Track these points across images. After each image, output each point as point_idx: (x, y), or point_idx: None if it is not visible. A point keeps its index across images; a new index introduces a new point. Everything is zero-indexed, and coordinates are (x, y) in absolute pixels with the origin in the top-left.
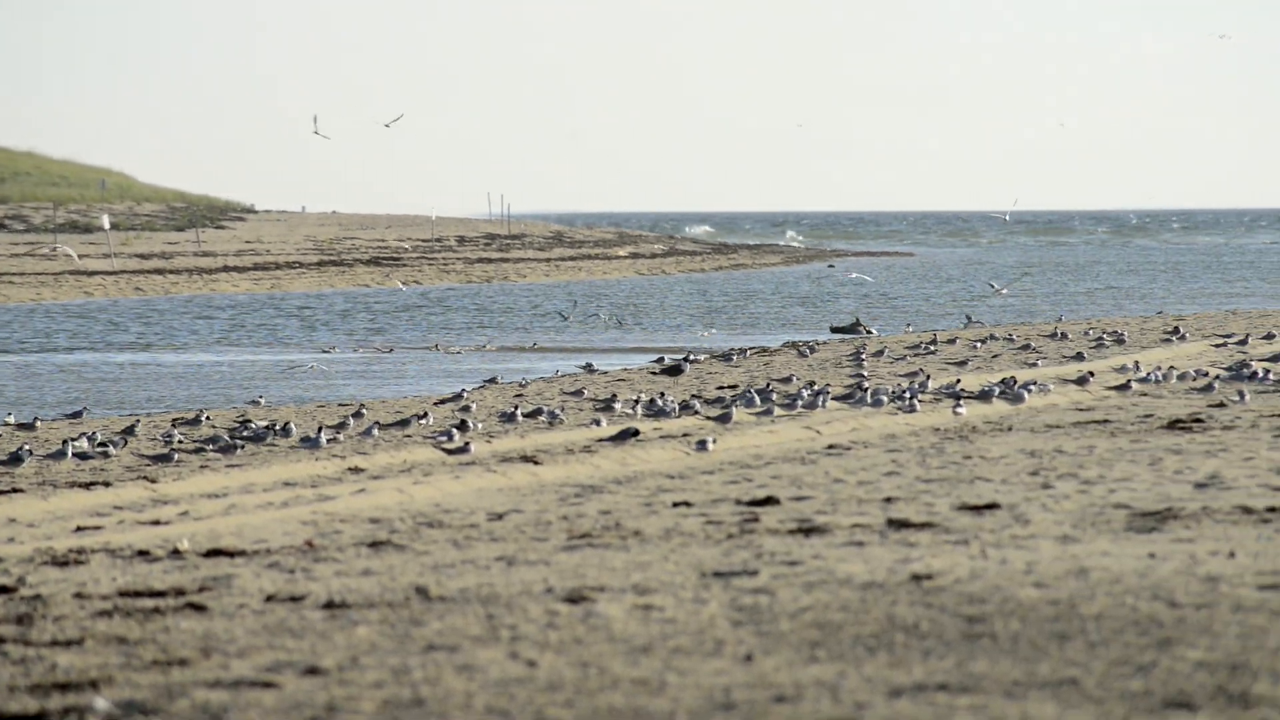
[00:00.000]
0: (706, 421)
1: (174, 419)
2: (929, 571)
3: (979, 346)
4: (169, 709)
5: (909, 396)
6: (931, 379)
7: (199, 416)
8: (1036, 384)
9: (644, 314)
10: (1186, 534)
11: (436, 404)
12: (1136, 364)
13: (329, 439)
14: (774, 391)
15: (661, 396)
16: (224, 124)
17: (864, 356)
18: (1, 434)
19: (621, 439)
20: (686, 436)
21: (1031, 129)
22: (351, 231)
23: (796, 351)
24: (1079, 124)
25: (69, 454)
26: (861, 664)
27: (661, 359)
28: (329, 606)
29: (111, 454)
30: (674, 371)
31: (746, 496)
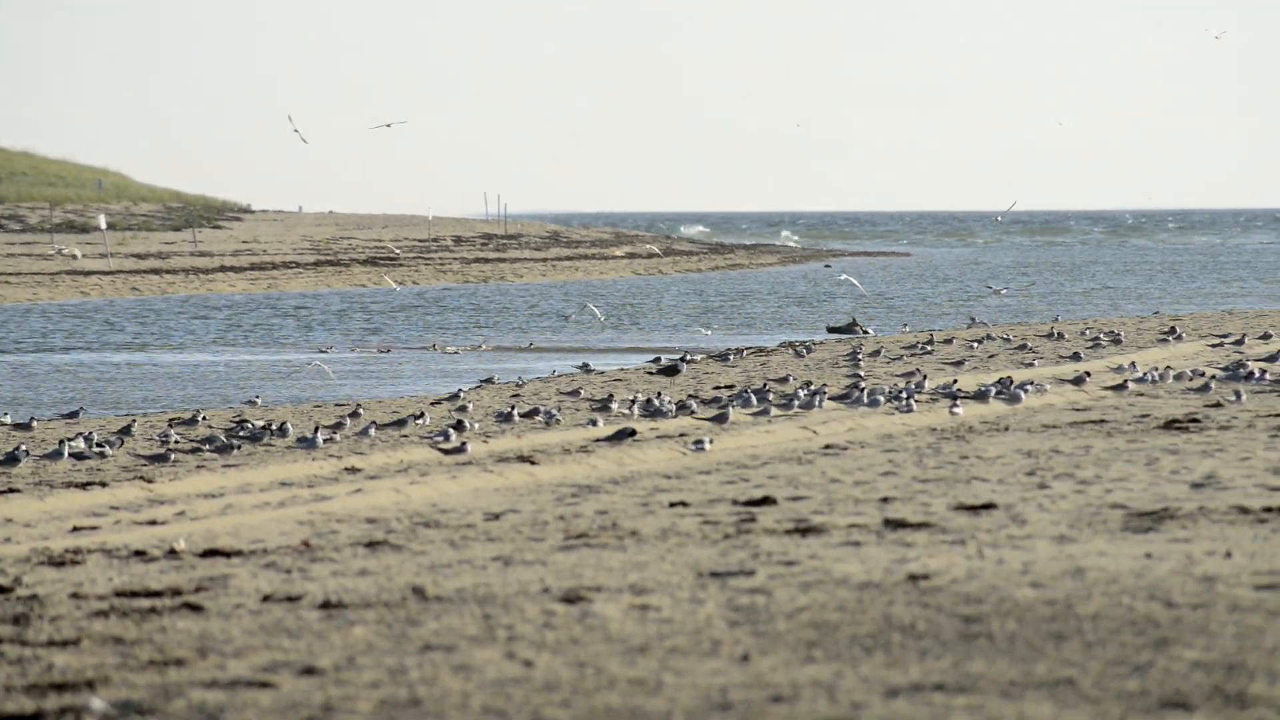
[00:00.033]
0: (703, 422)
1: (170, 419)
2: (925, 571)
3: (976, 347)
4: (165, 709)
5: (906, 396)
6: (928, 379)
7: (195, 416)
8: (1033, 384)
9: (641, 314)
10: (1183, 534)
11: (433, 404)
12: (1133, 364)
13: (326, 439)
14: (771, 392)
15: (658, 396)
16: (221, 124)
17: (861, 356)
18: None
19: (618, 439)
20: (683, 436)
21: (1029, 129)
22: (348, 231)
23: (793, 351)
24: (1078, 124)
25: (65, 454)
26: (858, 664)
27: (658, 359)
28: (326, 606)
29: (108, 454)
30: (671, 372)
31: (743, 496)
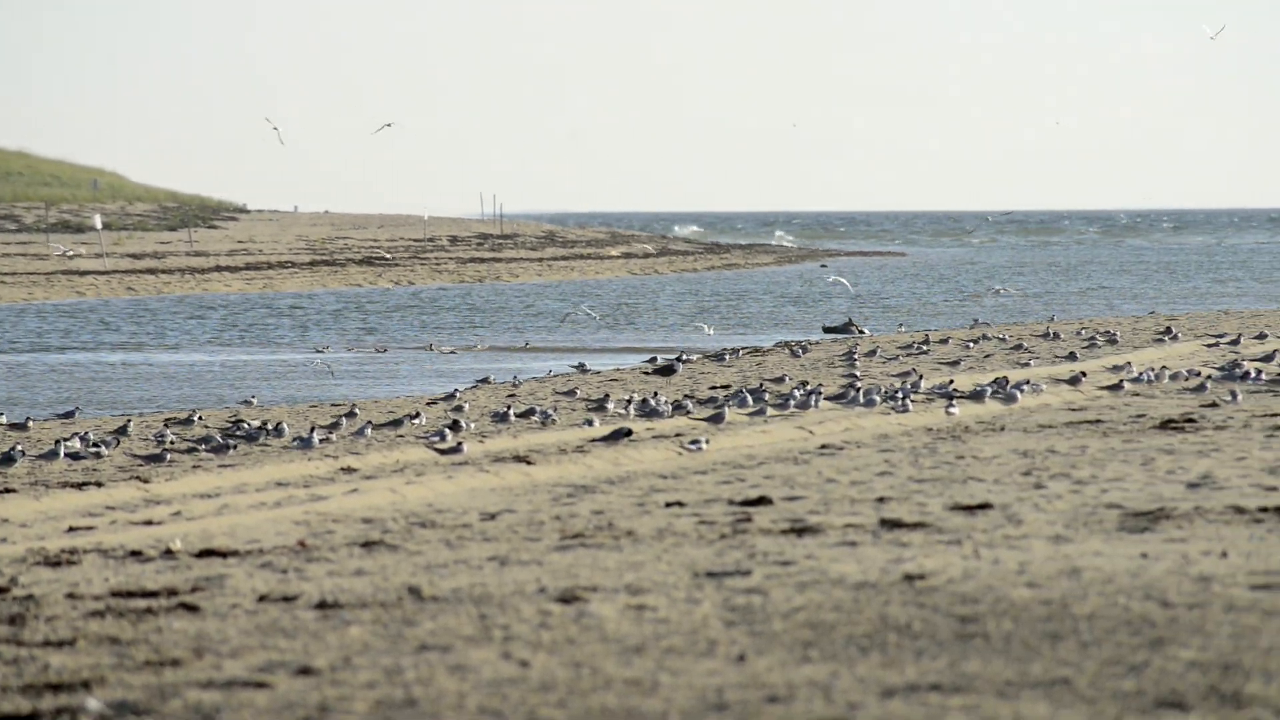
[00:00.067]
0: (699, 422)
1: (166, 419)
2: (922, 571)
3: (971, 347)
4: (161, 709)
5: (902, 396)
6: (924, 379)
7: (191, 416)
8: (1029, 384)
9: (637, 314)
10: (1179, 534)
11: (429, 404)
12: (1129, 364)
13: (322, 439)
14: (767, 391)
15: (654, 396)
16: (216, 124)
17: (857, 356)
18: None
19: (614, 439)
20: (679, 436)
21: (1026, 129)
22: (344, 231)
23: (789, 351)
24: (1076, 124)
25: (61, 454)
26: (854, 664)
27: (654, 359)
28: (322, 606)
29: (104, 454)
30: (667, 371)
31: (739, 496)
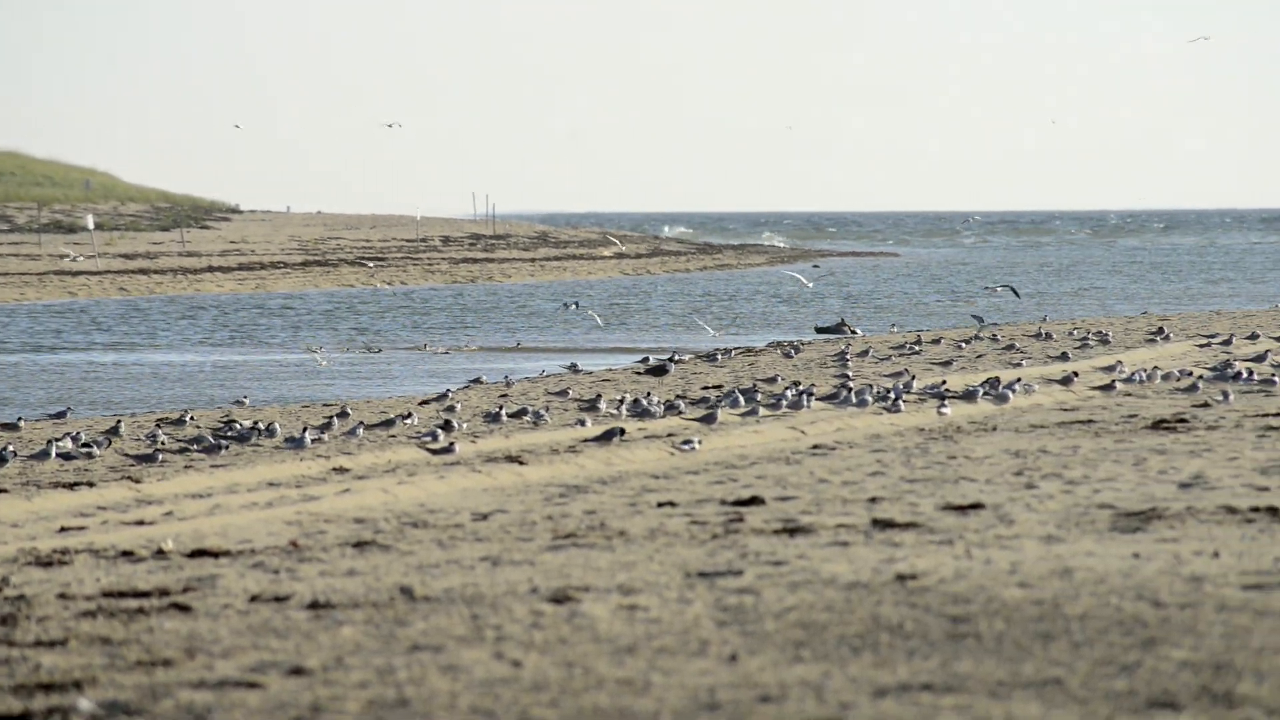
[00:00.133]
0: (691, 422)
1: (158, 419)
2: (913, 571)
3: (964, 347)
4: (153, 709)
5: (894, 397)
6: (916, 379)
7: (183, 416)
8: (1021, 384)
9: (629, 314)
10: (1171, 534)
11: (421, 404)
12: (1121, 364)
13: (314, 439)
14: (759, 392)
15: (647, 397)
16: (209, 124)
17: (849, 357)
18: None
19: (606, 439)
20: (671, 437)
21: (1022, 130)
22: (336, 232)
23: (781, 352)
24: (1074, 124)
25: (53, 454)
26: (846, 664)
27: (646, 359)
28: (314, 607)
29: (95, 454)
30: (659, 372)
31: (731, 496)
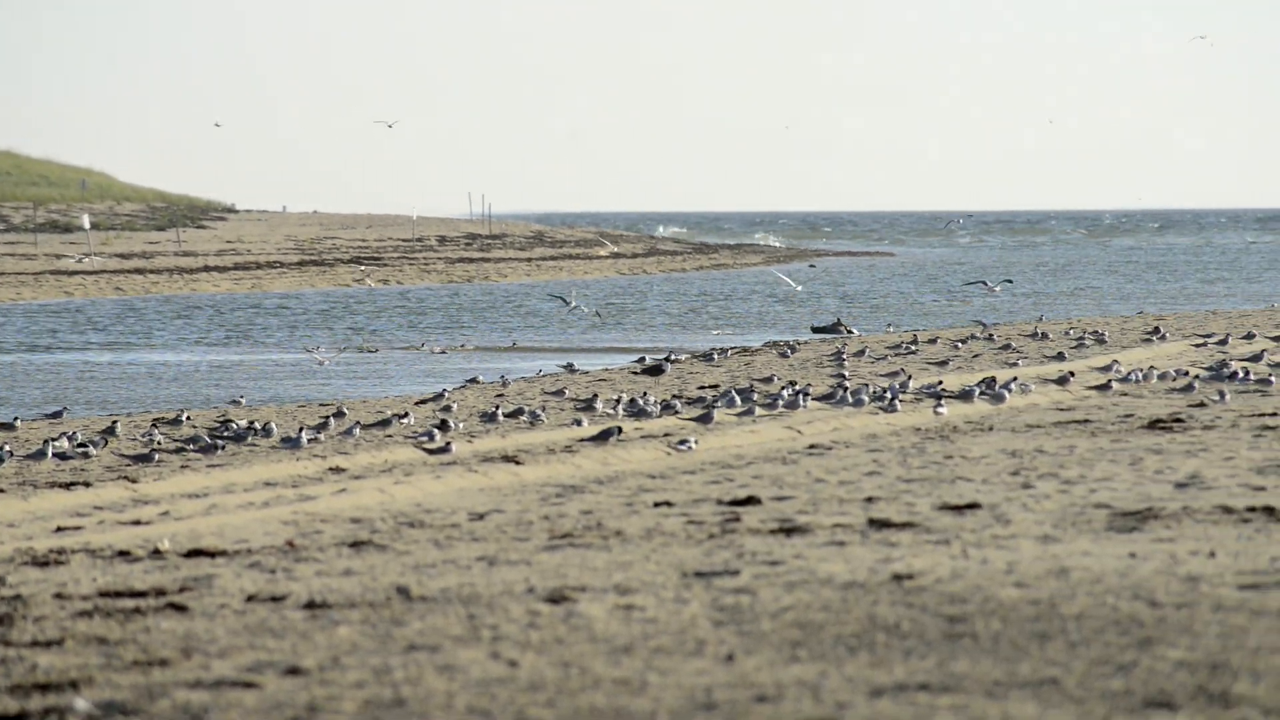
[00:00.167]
0: (688, 421)
1: (154, 419)
2: (910, 571)
3: (960, 346)
4: (149, 709)
5: (890, 396)
6: (913, 379)
7: (179, 416)
8: (1017, 384)
9: (626, 314)
10: (1167, 534)
11: (418, 404)
12: (1117, 364)
13: (310, 439)
14: (755, 391)
15: (643, 396)
16: (205, 124)
17: (845, 356)
18: None
19: (603, 439)
20: (668, 436)
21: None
22: (332, 231)
23: (778, 351)
24: (1071, 124)
25: (49, 454)
26: (843, 664)
27: (643, 359)
28: (310, 606)
29: (92, 454)
30: (655, 371)
31: (728, 496)
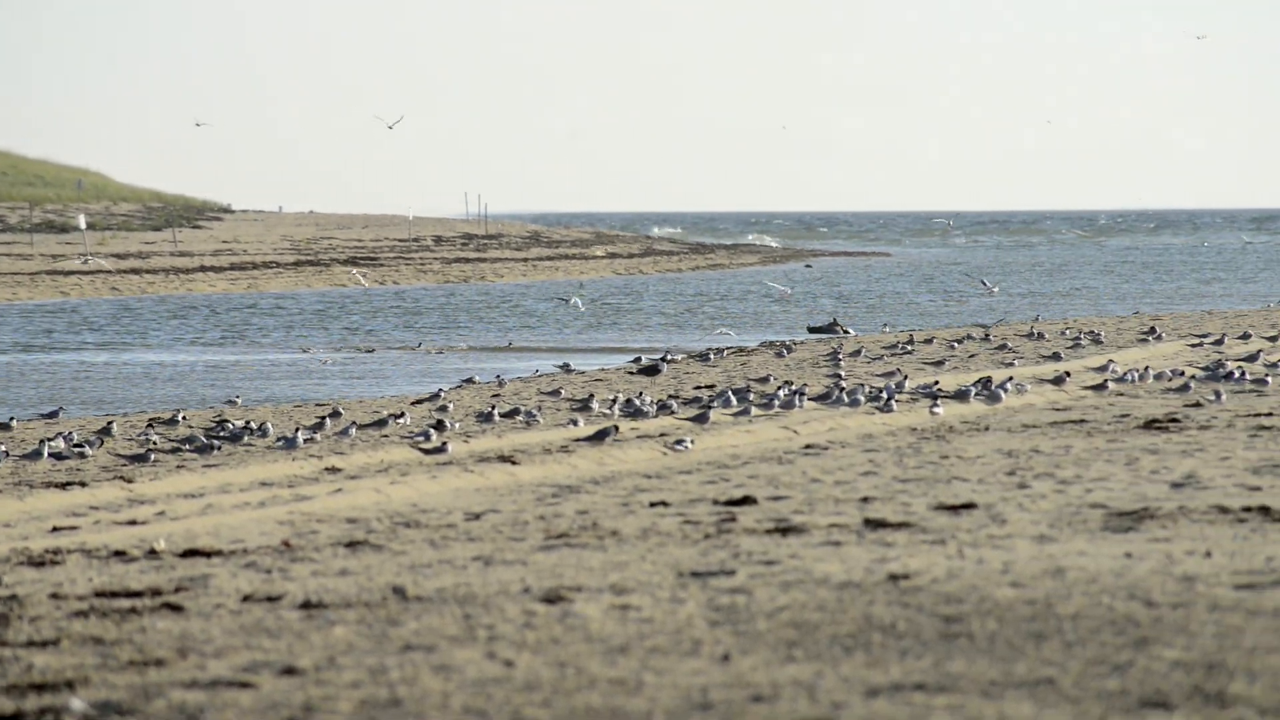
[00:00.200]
0: (684, 421)
1: (150, 419)
2: (906, 571)
3: (956, 347)
4: (145, 709)
5: (886, 396)
6: (909, 379)
7: (175, 416)
8: (1013, 383)
9: (622, 314)
10: (1163, 534)
11: (414, 404)
12: (1113, 364)
13: (306, 439)
14: (751, 391)
15: (639, 396)
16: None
17: (841, 356)
18: None
19: (599, 439)
20: (664, 436)
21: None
22: (328, 231)
23: (774, 351)
24: (1070, 125)
25: (45, 454)
26: (838, 664)
27: (639, 359)
28: (306, 607)
29: (88, 454)
30: (651, 371)
31: (724, 496)
